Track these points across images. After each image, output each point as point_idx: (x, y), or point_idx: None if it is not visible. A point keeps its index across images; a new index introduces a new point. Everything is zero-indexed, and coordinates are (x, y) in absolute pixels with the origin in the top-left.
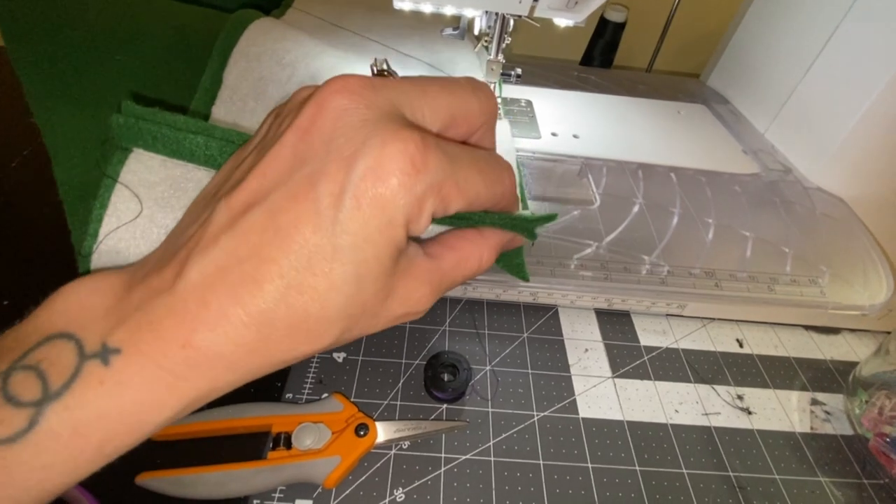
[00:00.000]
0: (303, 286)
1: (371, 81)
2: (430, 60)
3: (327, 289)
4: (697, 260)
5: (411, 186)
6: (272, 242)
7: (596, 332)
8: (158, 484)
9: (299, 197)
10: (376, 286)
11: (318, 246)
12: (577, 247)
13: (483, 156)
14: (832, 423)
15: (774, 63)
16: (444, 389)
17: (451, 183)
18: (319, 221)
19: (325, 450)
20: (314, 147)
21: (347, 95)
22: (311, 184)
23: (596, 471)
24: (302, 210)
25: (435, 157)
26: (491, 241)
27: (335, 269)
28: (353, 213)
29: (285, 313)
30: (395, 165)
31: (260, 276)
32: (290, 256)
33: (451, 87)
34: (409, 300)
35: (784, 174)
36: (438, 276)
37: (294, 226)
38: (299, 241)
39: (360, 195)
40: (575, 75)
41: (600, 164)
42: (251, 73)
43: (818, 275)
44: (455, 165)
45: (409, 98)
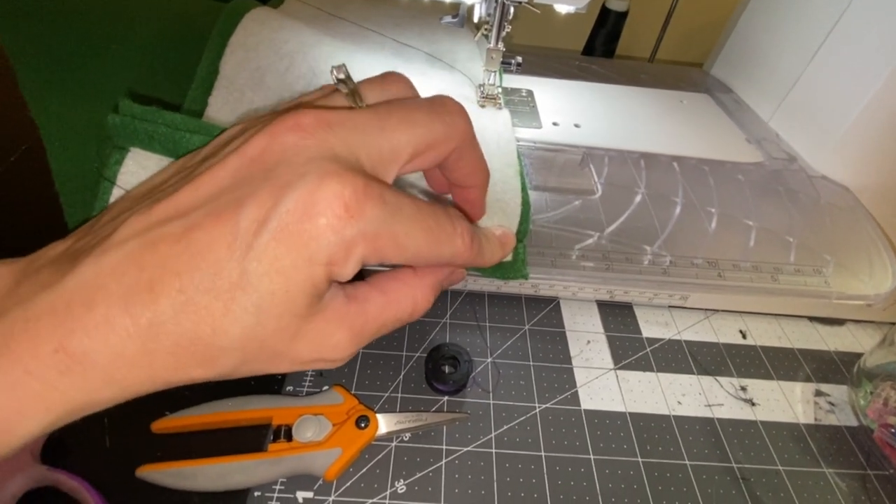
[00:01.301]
0: (199, 307)
1: (327, 119)
2: (429, 50)
3: (223, 314)
4: (700, 250)
5: (340, 229)
6: (180, 256)
7: (598, 324)
8: (159, 476)
9: (222, 217)
10: (279, 323)
11: (227, 268)
12: (579, 237)
13: (434, 215)
14: (836, 414)
15: (779, 51)
16: (445, 381)
17: (387, 236)
18: (234, 244)
19: (326, 442)
20: (253, 175)
21: (300, 133)
22: (238, 206)
23: (598, 462)
24: (220, 230)
25: (373, 206)
26: (427, 281)
27: (237, 296)
28: (270, 242)
29: (174, 331)
30: (326, 205)
31: (158, 288)
32: (195, 273)
33: (412, 118)
34: (321, 346)
35: (788, 163)
36: (361, 322)
37: (207, 244)
38: (208, 260)
39: (283, 226)
40: (576, 65)
41: (602, 154)
42: (249, 63)
43: (822, 264)
44: (396, 219)
45: (367, 137)
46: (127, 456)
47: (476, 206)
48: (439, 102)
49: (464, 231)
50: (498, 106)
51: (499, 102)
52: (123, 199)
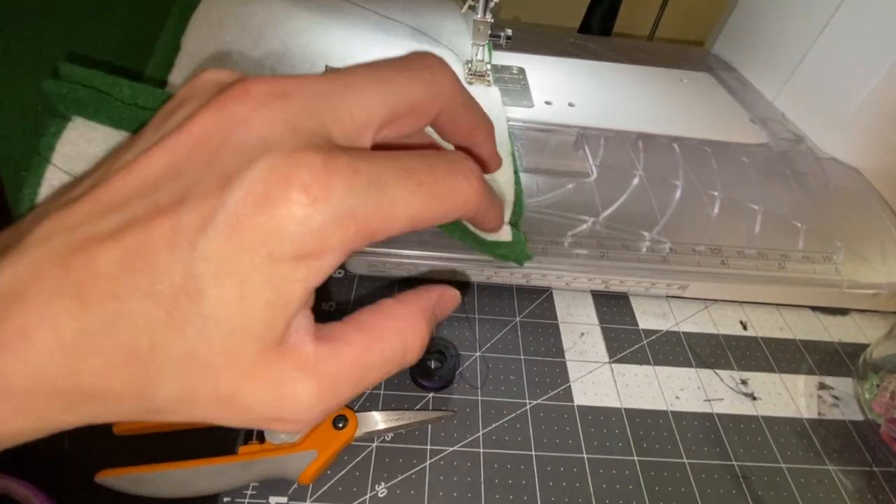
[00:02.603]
0: (137, 315)
1: (281, 87)
2: (413, 23)
3: (165, 325)
4: (702, 236)
5: (304, 219)
6: (113, 257)
7: (592, 315)
8: (119, 482)
9: (160, 213)
10: (229, 343)
11: (169, 270)
12: (572, 222)
13: (426, 165)
14: (841, 408)
15: (784, 26)
16: (431, 377)
17: (370, 210)
18: (176, 242)
19: (301, 443)
20: (196, 159)
21: (249, 104)
22: (179, 199)
23: (592, 461)
24: (159, 227)
25: (342, 180)
26: (414, 309)
27: (182, 303)
28: (218, 239)
29: (105, 346)
30: (281, 193)
31: (87, 293)
32: (132, 276)
33: (385, 75)
34: (279, 396)
35: (795, 144)
36: (334, 369)
37: (144, 242)
38: (146, 261)
39: (232, 220)
40: (571, 42)
41: (597, 135)
42: (213, 39)
43: (833, 251)
44: (376, 187)
45: (331, 101)
46: (86, 460)
47: (489, 160)
48: (417, 59)
49: (469, 172)
50: (487, 83)
51: (488, 79)
52: (57, 192)
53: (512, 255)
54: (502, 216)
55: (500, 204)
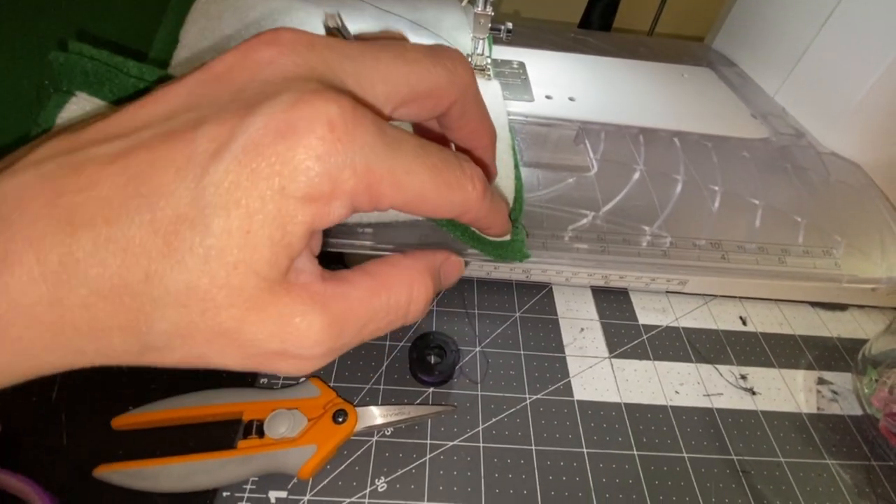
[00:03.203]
0: (132, 242)
1: (310, 38)
2: (412, 17)
3: (163, 255)
4: (703, 230)
5: (323, 155)
6: (113, 179)
7: (592, 311)
8: (118, 477)
9: (173, 137)
10: (233, 277)
11: (174, 196)
12: (572, 217)
13: (441, 153)
14: (840, 403)
15: (785, 22)
16: (431, 372)
17: (383, 170)
18: (186, 167)
19: (300, 438)
20: (218, 94)
21: (277, 48)
22: (195, 126)
23: (591, 456)
24: (169, 150)
25: (366, 130)
26: (422, 264)
27: (183, 231)
28: (231, 165)
29: (94, 274)
30: (306, 124)
31: (79, 217)
32: (131, 201)
33: (411, 56)
34: (286, 328)
35: (796, 138)
36: (342, 307)
37: (151, 166)
38: (150, 185)
39: (250, 147)
40: (571, 37)
41: (598, 129)
42: (212, 32)
43: (833, 245)
44: (394, 151)
45: (357, 66)
46: (85, 455)
47: (488, 166)
48: (440, 48)
49: (474, 175)
50: (487, 77)
51: (488, 73)
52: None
53: (510, 254)
54: (507, 223)
55: (504, 211)
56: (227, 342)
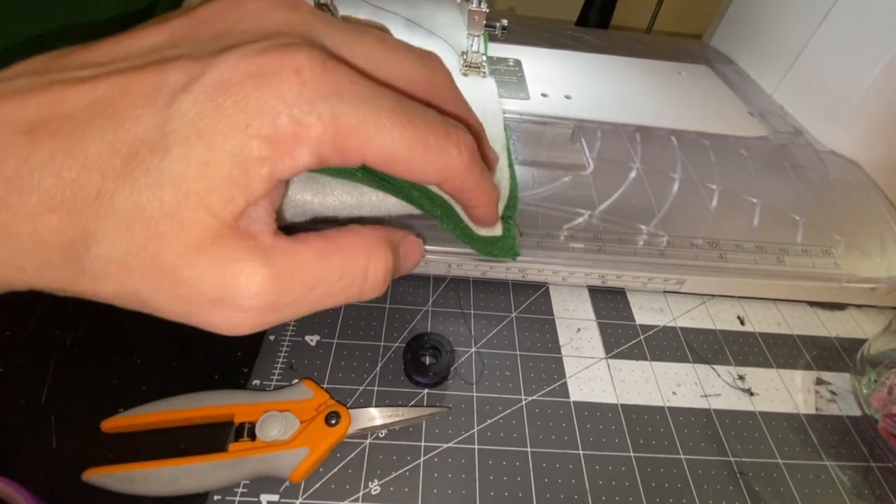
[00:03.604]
0: (89, 159)
1: (297, 1)
2: (407, 14)
3: (117, 175)
4: (700, 229)
5: (290, 99)
6: (80, 98)
7: (589, 311)
8: (108, 480)
9: (146, 71)
10: (181, 207)
11: (139, 120)
12: (568, 216)
13: (425, 113)
14: (838, 403)
15: (783, 19)
16: (426, 373)
17: (353, 122)
18: (154, 94)
19: (293, 441)
20: (199, 36)
21: (264, 3)
22: (168, 62)
23: (588, 458)
24: (141, 79)
25: (336, 79)
26: (381, 235)
27: (142, 153)
28: (199, 98)
29: (44, 186)
30: (275, 69)
31: (40, 131)
32: (95, 121)
33: (393, 44)
34: (226, 272)
35: (794, 137)
36: (289, 263)
37: (121, 89)
38: (116, 107)
39: (218, 84)
40: (568, 35)
41: (594, 127)
42: None
43: (832, 244)
44: (366, 102)
45: (341, 36)
46: (74, 458)
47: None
48: (416, 47)
49: (461, 141)
50: (483, 75)
51: (483, 71)
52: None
53: (501, 251)
54: (495, 208)
55: (493, 193)
56: (163, 279)
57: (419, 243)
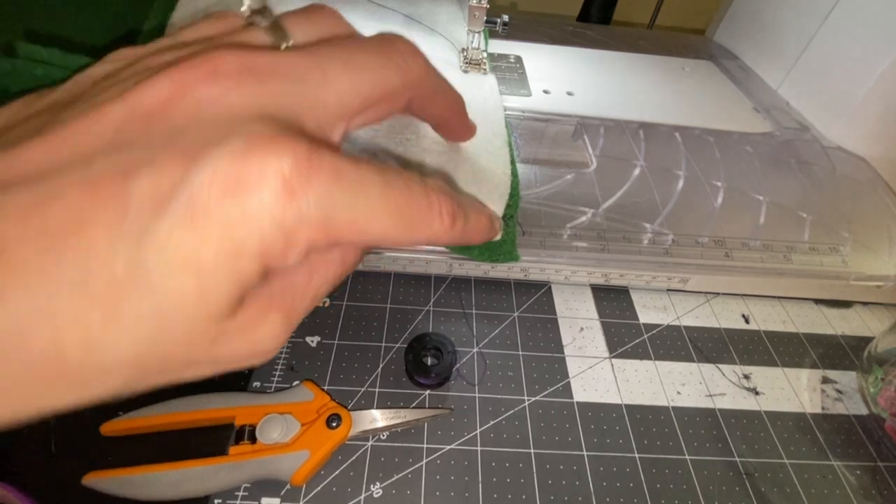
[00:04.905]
0: (64, 316)
1: (254, 65)
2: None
3: (105, 325)
4: (706, 227)
5: (278, 213)
6: (30, 243)
7: (592, 310)
8: (107, 484)
9: (98, 188)
10: (191, 331)
11: (108, 261)
12: (571, 214)
13: (406, 188)
14: (844, 402)
15: (788, 13)
16: (427, 374)
17: (343, 219)
18: (119, 227)
19: (293, 443)
20: (150, 133)
21: (220, 85)
22: (125, 176)
23: (592, 459)
24: (97, 207)
25: (324, 181)
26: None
27: (127, 298)
28: (178, 225)
29: (21, 350)
30: (259, 178)
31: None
32: (55, 269)
33: (359, 61)
34: (250, 342)
35: (800, 133)
36: (291, 299)
37: (76, 225)
38: (77, 248)
39: (196, 205)
40: (570, 30)
41: (597, 124)
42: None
43: (840, 242)
44: (355, 197)
45: (306, 88)
46: (74, 462)
47: (462, 130)
48: (388, 42)
49: (443, 208)
50: (483, 71)
51: (484, 67)
52: None
53: (499, 255)
54: (488, 232)
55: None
56: (195, 368)
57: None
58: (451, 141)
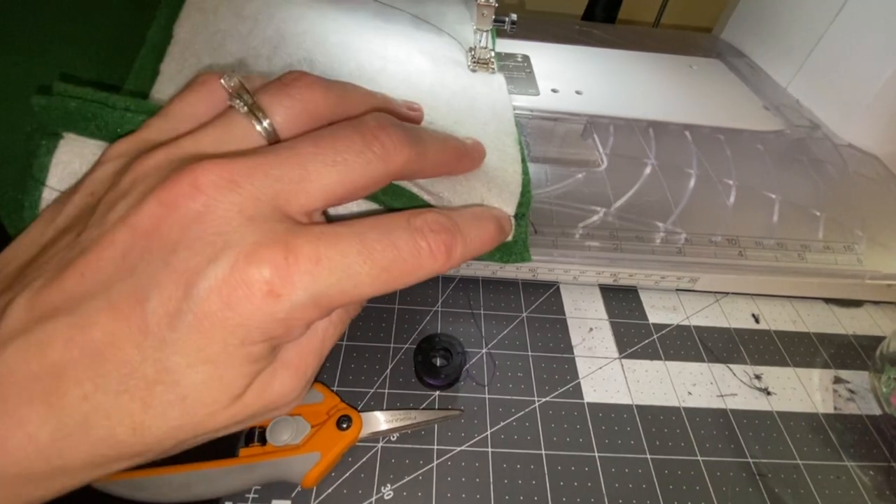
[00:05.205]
0: (112, 411)
1: (231, 174)
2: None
3: (143, 412)
4: (718, 226)
5: (270, 312)
6: (77, 361)
7: (601, 310)
8: (117, 487)
9: (121, 311)
10: (215, 406)
11: (140, 368)
12: (583, 214)
13: (391, 242)
14: (857, 402)
15: (797, 10)
16: (437, 375)
17: (332, 292)
18: (144, 342)
19: (304, 445)
20: (151, 254)
21: (202, 199)
22: (139, 299)
23: (603, 460)
24: (122, 327)
25: (304, 274)
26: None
27: (158, 392)
28: (190, 333)
29: (85, 440)
30: (245, 290)
31: (55, 399)
32: (100, 380)
33: (339, 158)
34: (267, 401)
35: (811, 130)
36: (301, 358)
37: (109, 344)
38: (114, 362)
39: (200, 317)
40: (576, 29)
41: (607, 123)
42: (207, 26)
43: (854, 240)
44: (337, 271)
45: (283, 185)
46: None
47: (468, 166)
48: (371, 136)
49: (434, 246)
50: (491, 70)
51: (492, 67)
52: (3, 258)
53: (510, 256)
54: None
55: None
56: (224, 431)
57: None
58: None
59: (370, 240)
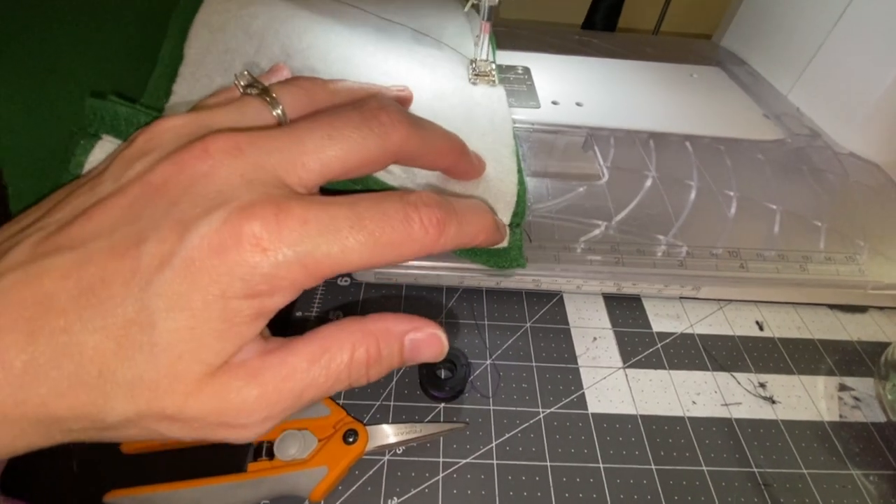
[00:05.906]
0: (86, 347)
1: (237, 143)
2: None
3: (114, 353)
4: (719, 238)
5: (255, 263)
6: (67, 292)
7: (604, 319)
8: (128, 503)
9: (118, 251)
10: (177, 366)
11: (122, 305)
12: (584, 228)
13: (381, 212)
14: (862, 410)
15: (797, 16)
16: (441, 387)
17: (318, 256)
18: (132, 280)
19: (311, 459)
20: (156, 206)
21: (208, 161)
22: (137, 241)
23: (608, 471)
24: (116, 265)
25: (292, 230)
26: (370, 328)
27: (132, 333)
28: (173, 278)
29: (52, 376)
30: (236, 241)
31: (37, 327)
32: (84, 311)
33: (339, 133)
34: (223, 404)
35: (812, 139)
36: (279, 376)
37: (101, 279)
38: (100, 296)
39: (188, 262)
40: (576, 39)
41: (607, 135)
42: (216, 45)
43: (856, 250)
44: (324, 235)
45: (284, 156)
46: (95, 481)
47: (467, 169)
48: (370, 114)
49: (426, 220)
50: (492, 83)
51: (493, 79)
52: (7, 227)
53: (505, 262)
54: (492, 232)
55: (484, 222)
56: (173, 423)
57: (436, 338)
58: (461, 180)
59: (361, 208)
